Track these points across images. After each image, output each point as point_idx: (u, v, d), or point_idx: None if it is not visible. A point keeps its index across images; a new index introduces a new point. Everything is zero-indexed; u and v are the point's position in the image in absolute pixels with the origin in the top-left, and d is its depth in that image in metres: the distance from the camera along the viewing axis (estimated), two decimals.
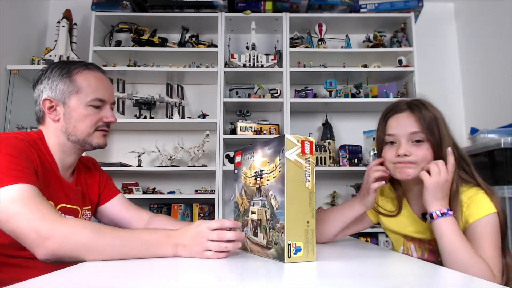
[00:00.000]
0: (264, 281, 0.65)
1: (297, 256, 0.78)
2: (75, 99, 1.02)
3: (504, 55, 2.45)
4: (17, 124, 2.50)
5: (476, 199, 1.01)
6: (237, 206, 0.99)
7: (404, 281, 0.66)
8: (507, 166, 1.77)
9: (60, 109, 1.02)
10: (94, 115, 1.04)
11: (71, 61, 1.09)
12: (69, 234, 0.78)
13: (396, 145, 1.06)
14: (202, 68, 2.67)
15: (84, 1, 2.78)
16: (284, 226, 0.78)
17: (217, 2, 2.65)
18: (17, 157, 0.88)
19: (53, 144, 1.03)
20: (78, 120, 1.02)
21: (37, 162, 0.94)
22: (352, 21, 2.76)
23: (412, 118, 1.06)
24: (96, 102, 1.04)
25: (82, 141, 1.04)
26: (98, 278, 0.68)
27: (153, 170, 2.59)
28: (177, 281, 0.65)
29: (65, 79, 1.02)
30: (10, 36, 2.55)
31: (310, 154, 0.82)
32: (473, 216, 0.99)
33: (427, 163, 1.02)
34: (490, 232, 0.97)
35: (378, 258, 0.92)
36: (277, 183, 0.81)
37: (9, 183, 0.82)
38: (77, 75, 1.03)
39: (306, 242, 0.79)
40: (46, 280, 0.63)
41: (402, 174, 1.05)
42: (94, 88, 1.04)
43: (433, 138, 1.03)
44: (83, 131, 1.03)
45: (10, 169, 0.84)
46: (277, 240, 0.80)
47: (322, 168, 2.52)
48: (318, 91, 2.79)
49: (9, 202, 0.81)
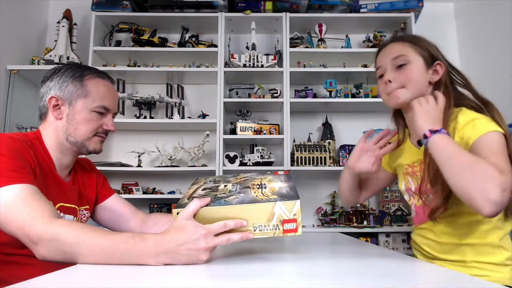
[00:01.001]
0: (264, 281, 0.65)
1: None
2: (82, 103, 1.05)
3: (504, 55, 2.45)
4: (17, 124, 2.50)
5: (473, 120, 0.97)
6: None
7: (404, 281, 0.66)
8: None
9: (65, 109, 1.05)
10: (96, 121, 1.07)
11: (85, 66, 1.13)
12: (54, 238, 0.77)
13: None
14: (202, 68, 2.67)
15: (84, 1, 2.78)
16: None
17: (217, 2, 2.65)
18: (12, 157, 0.88)
19: (51, 143, 1.05)
20: (80, 122, 1.05)
21: (34, 161, 0.95)
22: (352, 21, 2.76)
23: (394, 46, 1.12)
24: (101, 109, 1.08)
25: (79, 144, 1.07)
26: (98, 278, 0.68)
27: (153, 170, 2.59)
28: (177, 281, 0.65)
29: (76, 82, 1.06)
30: (10, 36, 2.55)
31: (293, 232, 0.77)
32: (472, 137, 0.94)
33: (417, 85, 1.06)
34: (497, 149, 0.90)
35: (378, 258, 0.92)
36: None
37: (5, 184, 0.82)
38: (88, 80, 1.07)
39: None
40: (46, 280, 0.63)
41: (392, 100, 1.10)
42: (101, 95, 1.08)
43: (421, 56, 1.08)
44: (83, 134, 1.06)
45: (5, 170, 0.85)
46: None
47: (322, 168, 2.52)
48: (318, 91, 2.79)
49: (5, 204, 0.81)
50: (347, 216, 2.58)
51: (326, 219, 2.60)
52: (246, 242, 0.89)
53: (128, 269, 0.72)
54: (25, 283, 0.59)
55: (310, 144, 2.58)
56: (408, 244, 2.49)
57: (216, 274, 0.71)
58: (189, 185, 0.94)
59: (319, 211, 2.69)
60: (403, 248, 2.47)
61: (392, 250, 1.91)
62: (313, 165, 2.52)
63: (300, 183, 2.72)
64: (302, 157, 2.53)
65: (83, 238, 0.76)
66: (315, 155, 2.54)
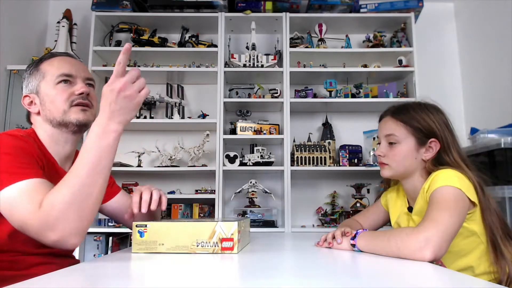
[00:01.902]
0: (264, 280, 0.65)
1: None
2: (43, 84, 1.04)
3: (504, 55, 2.45)
4: (17, 124, 2.50)
5: (437, 175, 1.04)
6: None
7: (404, 281, 0.66)
8: (507, 166, 1.77)
9: (37, 100, 1.05)
10: (64, 92, 1.03)
11: (43, 56, 1.12)
12: (50, 212, 0.79)
13: None
14: (202, 68, 2.67)
15: (84, 1, 2.78)
16: None
17: (217, 2, 2.65)
18: (17, 155, 0.89)
19: (44, 137, 1.05)
20: (50, 101, 1.03)
21: (40, 155, 0.96)
22: (352, 21, 2.76)
23: (390, 122, 1.17)
24: (61, 78, 1.04)
25: (62, 121, 1.03)
26: (99, 277, 0.68)
27: (153, 170, 2.59)
28: (177, 280, 0.65)
29: (33, 72, 1.06)
30: (10, 36, 2.55)
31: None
32: (431, 189, 1.02)
33: (402, 165, 1.13)
34: (445, 200, 0.96)
35: (378, 258, 0.92)
36: None
37: (12, 182, 0.83)
38: (42, 64, 1.06)
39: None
40: (46, 280, 0.63)
41: (381, 171, 1.20)
42: (57, 67, 1.05)
43: (413, 136, 1.12)
44: (58, 109, 1.02)
45: (11, 167, 0.85)
46: None
47: (322, 168, 2.52)
48: (318, 91, 2.79)
49: (11, 201, 0.82)
50: (347, 216, 2.58)
51: (326, 219, 2.60)
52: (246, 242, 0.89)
53: (129, 269, 0.72)
54: (25, 283, 0.59)
55: (310, 144, 2.58)
56: None
57: (216, 274, 0.71)
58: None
59: (319, 211, 2.69)
60: None
61: None
62: (313, 165, 2.52)
63: (300, 183, 2.72)
64: (302, 157, 2.53)
65: (65, 189, 0.81)
66: (315, 155, 2.54)
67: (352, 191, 2.63)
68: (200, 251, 0.88)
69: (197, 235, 0.89)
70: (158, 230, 0.90)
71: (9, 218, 0.83)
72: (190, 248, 0.88)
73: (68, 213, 0.80)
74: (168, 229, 0.90)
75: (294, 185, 2.56)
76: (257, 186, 2.55)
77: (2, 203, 0.83)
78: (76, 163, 0.84)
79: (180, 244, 0.89)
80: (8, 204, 0.83)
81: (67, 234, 0.80)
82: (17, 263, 0.91)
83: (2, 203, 0.83)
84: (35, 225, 0.79)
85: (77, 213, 0.81)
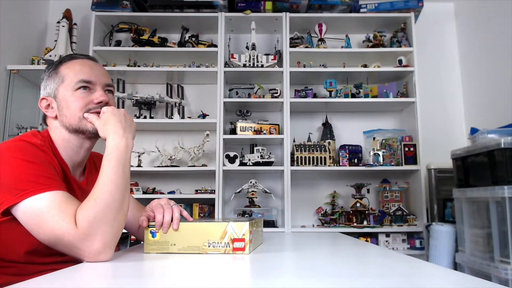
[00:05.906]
0: (264, 280, 0.65)
1: None
2: (62, 89, 1.01)
3: (504, 55, 2.45)
4: (17, 124, 2.50)
5: None
6: None
7: (404, 281, 0.66)
8: (507, 166, 1.77)
9: (54, 104, 1.02)
10: (82, 99, 1.00)
11: (63, 57, 1.09)
12: (87, 225, 0.80)
13: None
14: (202, 68, 2.67)
15: (84, 1, 2.78)
16: None
17: (217, 2, 2.65)
18: (40, 164, 0.88)
19: (59, 142, 1.02)
20: (67, 107, 1.00)
21: (57, 165, 0.95)
22: (352, 21, 2.77)
23: None
24: (81, 84, 1.01)
25: (78, 128, 1.00)
26: (100, 277, 0.68)
27: (153, 170, 2.59)
28: (177, 280, 0.65)
29: (52, 74, 1.03)
30: (10, 36, 2.55)
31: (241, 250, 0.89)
32: None
33: None
34: None
35: (378, 258, 0.92)
36: None
37: (40, 192, 0.82)
38: (61, 67, 1.03)
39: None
40: (46, 280, 0.63)
41: None
42: (76, 72, 1.02)
43: None
44: (74, 116, 1.00)
45: (37, 176, 0.84)
46: None
47: (322, 168, 2.52)
48: (318, 91, 2.79)
49: (39, 212, 0.81)
50: (347, 216, 2.58)
51: (326, 219, 2.60)
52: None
53: (129, 269, 0.72)
54: (26, 283, 0.59)
55: (310, 144, 2.58)
56: (408, 244, 2.49)
57: (216, 274, 0.71)
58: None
59: (319, 211, 2.69)
60: (403, 248, 2.47)
61: (392, 250, 1.92)
62: (313, 165, 2.52)
63: (300, 183, 2.72)
64: (302, 157, 2.53)
65: (98, 204, 0.83)
66: (315, 155, 2.54)
67: (352, 191, 2.63)
68: (212, 252, 0.88)
69: (209, 235, 0.89)
70: (170, 231, 0.91)
71: (35, 229, 0.82)
72: (201, 248, 0.88)
73: (104, 228, 0.81)
74: (180, 230, 0.90)
75: (294, 185, 2.56)
76: (257, 186, 2.55)
77: (28, 213, 0.81)
78: (104, 178, 0.86)
79: (192, 244, 0.89)
80: (35, 216, 0.81)
81: (103, 249, 0.80)
82: (28, 269, 0.90)
83: (28, 213, 0.81)
84: (73, 241, 0.79)
85: (111, 228, 0.82)
